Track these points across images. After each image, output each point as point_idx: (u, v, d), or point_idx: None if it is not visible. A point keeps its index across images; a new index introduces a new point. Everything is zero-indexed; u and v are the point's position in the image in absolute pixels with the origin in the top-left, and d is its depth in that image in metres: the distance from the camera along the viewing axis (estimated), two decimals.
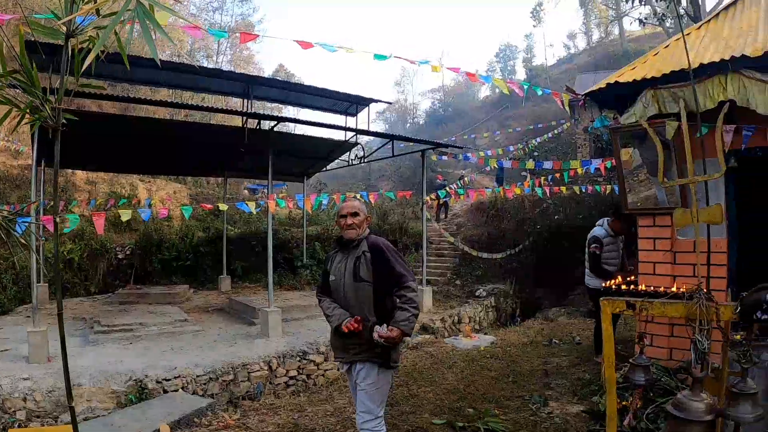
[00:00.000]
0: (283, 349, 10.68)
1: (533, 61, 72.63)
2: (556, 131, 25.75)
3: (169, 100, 15.07)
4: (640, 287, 6.29)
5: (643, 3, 28.44)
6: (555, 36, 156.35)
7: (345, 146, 18.25)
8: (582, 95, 7.70)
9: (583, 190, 16.02)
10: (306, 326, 12.96)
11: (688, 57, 4.90)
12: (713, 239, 5.80)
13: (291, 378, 10.38)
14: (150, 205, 21.39)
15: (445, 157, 17.30)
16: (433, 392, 7.80)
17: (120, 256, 20.72)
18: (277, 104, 22.20)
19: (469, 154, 17.01)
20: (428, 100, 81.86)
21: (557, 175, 16.40)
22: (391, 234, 22.40)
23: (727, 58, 6.00)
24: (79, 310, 15.06)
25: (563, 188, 15.92)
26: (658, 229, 6.89)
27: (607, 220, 8.98)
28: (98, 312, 14.22)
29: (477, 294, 18.03)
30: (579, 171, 14.45)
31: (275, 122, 13.17)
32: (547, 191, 15.77)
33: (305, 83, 15.91)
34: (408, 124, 77.99)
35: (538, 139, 23.57)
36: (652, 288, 6.08)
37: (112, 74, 14.53)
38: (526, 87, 9.69)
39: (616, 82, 7.00)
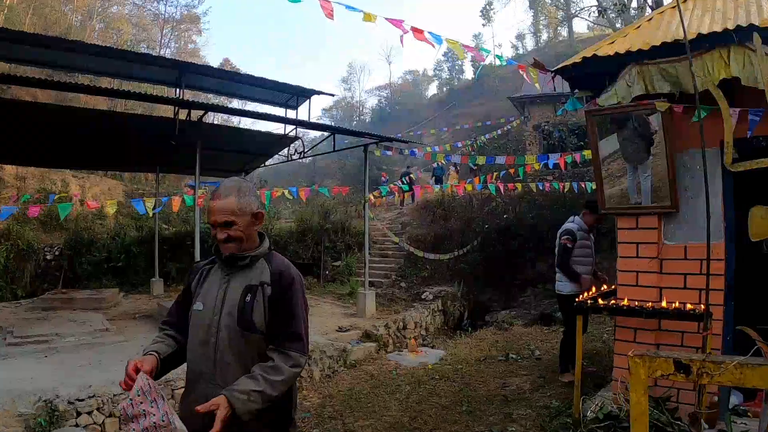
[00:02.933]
0: None
1: (480, 61, 71.61)
2: (505, 128, 25.28)
3: (94, 86, 13.62)
4: (621, 302, 5.38)
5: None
6: (503, 36, 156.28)
7: (284, 140, 17.19)
8: (552, 71, 6.77)
9: (540, 188, 15.25)
10: None
11: (683, 24, 4.10)
12: (713, 244, 4.73)
13: None
14: (82, 203, 20.05)
15: (389, 153, 16.31)
16: (372, 427, 6.76)
17: (48, 257, 19.39)
18: (213, 95, 20.88)
19: (415, 150, 16.05)
20: (375, 97, 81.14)
21: (511, 170, 15.61)
22: (333, 233, 21.46)
23: (731, 27, 5.06)
24: None
25: (518, 185, 15.13)
26: (643, 232, 5.89)
27: (577, 216, 8.21)
28: (15, 320, 12.88)
29: (423, 297, 17.09)
30: (536, 167, 13.66)
31: (203, 112, 11.92)
32: (501, 188, 14.89)
33: (243, 72, 14.60)
34: (354, 122, 77.46)
35: (487, 136, 22.84)
36: (636, 303, 5.16)
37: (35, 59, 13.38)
38: (486, 53, 8.72)
39: (594, 56, 6.07)
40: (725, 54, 5.03)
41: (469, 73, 77.85)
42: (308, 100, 16.79)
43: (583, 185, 14.90)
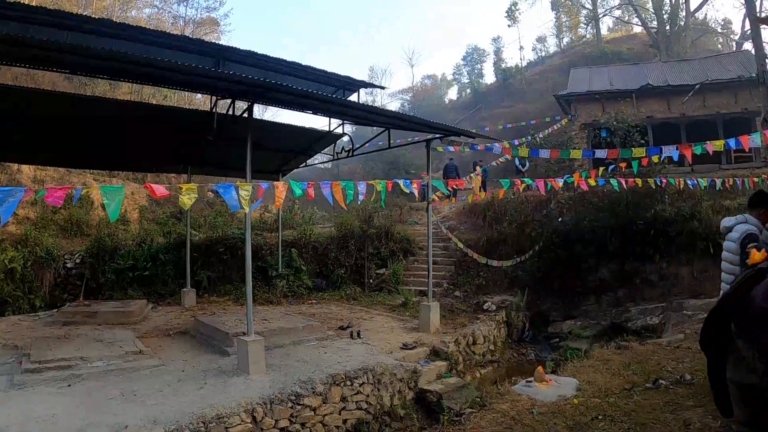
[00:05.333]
0: (269, 392, 8.03)
1: (504, 63, 71.05)
2: (556, 126, 24.29)
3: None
4: None
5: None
6: (526, 39, 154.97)
7: (330, 137, 15.77)
8: None
9: (659, 183, 13.93)
10: (293, 356, 10.25)
11: None
12: None
13: (282, 430, 7.74)
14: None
15: (452, 148, 14.86)
16: None
17: (69, 265, 18.18)
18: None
19: (496, 144, 14.66)
20: (398, 101, 79.70)
21: (622, 165, 14.37)
22: (377, 239, 20.10)
23: None
24: (14, 333, 12.16)
25: (638, 180, 13.89)
26: None
27: (749, 216, 6.59)
28: (33, 339, 11.09)
29: (485, 307, 15.70)
30: (655, 159, 12.44)
31: (250, 102, 10.35)
32: (623, 183, 13.51)
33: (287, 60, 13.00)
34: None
35: (541, 135, 21.65)
36: None
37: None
38: None
39: None
40: None
41: (489, 77, 76.74)
42: (357, 94, 15.32)
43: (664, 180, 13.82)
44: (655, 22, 48.41)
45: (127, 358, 9.64)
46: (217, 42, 20.17)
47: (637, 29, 57.94)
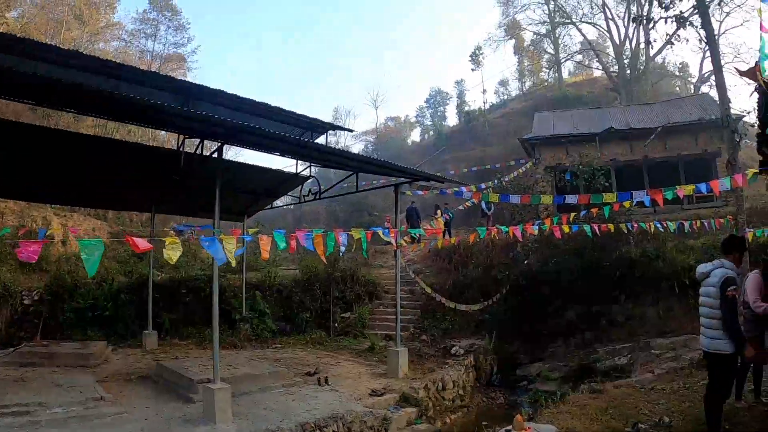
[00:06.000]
0: None
1: (467, 106, 72.79)
2: (521, 170, 24.51)
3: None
4: None
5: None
6: (489, 82, 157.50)
7: (297, 179, 15.64)
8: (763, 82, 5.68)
9: (630, 228, 14.42)
10: (260, 403, 10.01)
11: None
12: None
13: None
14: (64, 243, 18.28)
15: (421, 192, 14.87)
16: None
17: (27, 302, 17.61)
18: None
19: (464, 188, 14.67)
20: (362, 142, 80.00)
21: (593, 211, 14.54)
22: (342, 282, 19.86)
23: None
24: None
25: (610, 226, 14.01)
26: None
27: (725, 260, 6.84)
28: None
29: (453, 351, 15.62)
30: (626, 204, 12.70)
31: (220, 143, 10.19)
32: (596, 228, 13.85)
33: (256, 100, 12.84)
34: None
35: (507, 178, 21.81)
36: None
37: None
38: None
39: None
40: None
41: (452, 119, 78.14)
42: (324, 135, 15.25)
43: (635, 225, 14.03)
44: (615, 67, 49.50)
45: (87, 405, 9.31)
46: (183, 79, 20.01)
47: (598, 73, 59.43)
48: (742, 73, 5.74)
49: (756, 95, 6.22)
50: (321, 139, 15.12)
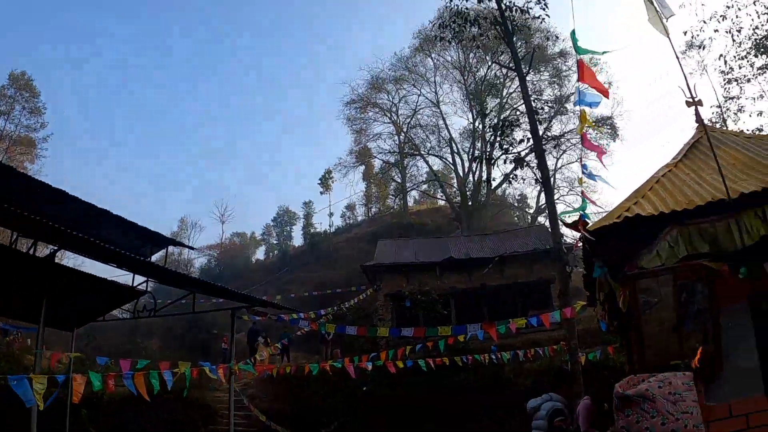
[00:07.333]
0: None
1: (314, 228, 74.75)
2: (361, 296, 24.84)
3: None
4: None
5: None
6: (336, 206, 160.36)
7: (133, 293, 15.02)
8: (586, 232, 6.55)
9: (465, 361, 14.51)
10: None
11: (726, 186, 5.12)
12: (752, 397, 5.53)
13: None
14: None
15: (258, 318, 14.74)
16: None
17: None
18: None
19: (302, 314, 14.70)
20: (205, 257, 78.48)
21: (429, 344, 14.74)
22: (173, 403, 18.66)
23: None
24: None
25: (446, 359, 14.32)
26: None
27: (553, 393, 7.16)
28: None
29: None
30: (460, 338, 13.09)
31: (55, 248, 9.76)
32: (431, 363, 14.42)
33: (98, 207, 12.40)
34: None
35: (347, 304, 22.07)
36: None
37: None
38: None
39: (638, 215, 6.21)
40: (761, 213, 5.58)
41: (298, 240, 78.83)
42: (165, 251, 14.90)
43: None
44: (459, 198, 51.84)
45: None
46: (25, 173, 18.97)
47: (442, 202, 61.92)
48: (567, 225, 6.31)
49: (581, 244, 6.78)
50: (161, 252, 14.79)
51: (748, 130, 25.55)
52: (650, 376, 5.47)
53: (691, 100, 6.35)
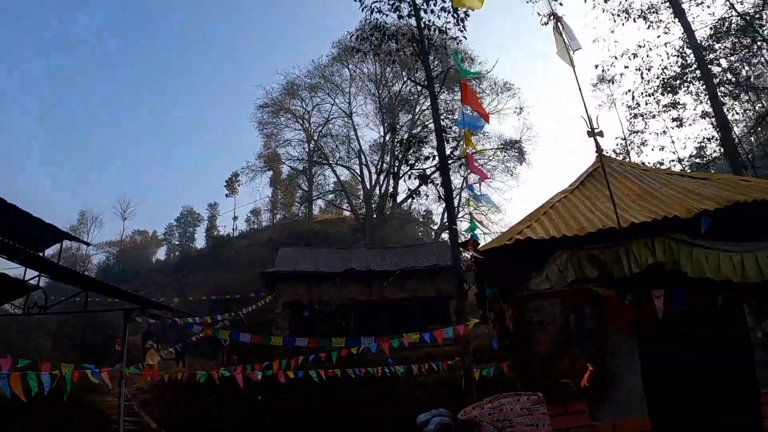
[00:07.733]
0: None
1: (217, 231, 73.88)
2: (260, 303, 24.79)
3: None
4: None
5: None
6: (241, 210, 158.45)
7: (25, 287, 14.45)
8: (476, 253, 6.81)
9: (358, 373, 14.57)
10: None
11: (617, 215, 5.43)
12: (635, 418, 5.91)
13: None
14: None
15: (152, 321, 14.47)
16: None
17: None
18: None
19: (197, 319, 14.49)
20: (104, 253, 75.94)
21: (321, 355, 14.71)
22: (60, 407, 17.93)
23: (659, 218, 6.11)
24: None
25: (338, 371, 14.36)
26: (571, 417, 6.04)
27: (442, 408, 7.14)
28: None
29: None
30: (353, 350, 13.18)
31: None
32: (322, 374, 14.52)
33: None
34: None
35: (245, 311, 21.93)
36: None
37: None
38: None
39: (529, 238, 6.44)
40: (650, 242, 5.94)
41: (201, 242, 77.90)
42: (60, 245, 14.48)
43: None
44: (364, 209, 52.07)
45: None
46: None
47: (347, 213, 61.97)
48: (460, 245, 6.50)
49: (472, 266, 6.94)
50: (56, 246, 14.40)
51: (649, 163, 27.04)
52: (488, 402, 5.77)
53: (591, 130, 6.60)
